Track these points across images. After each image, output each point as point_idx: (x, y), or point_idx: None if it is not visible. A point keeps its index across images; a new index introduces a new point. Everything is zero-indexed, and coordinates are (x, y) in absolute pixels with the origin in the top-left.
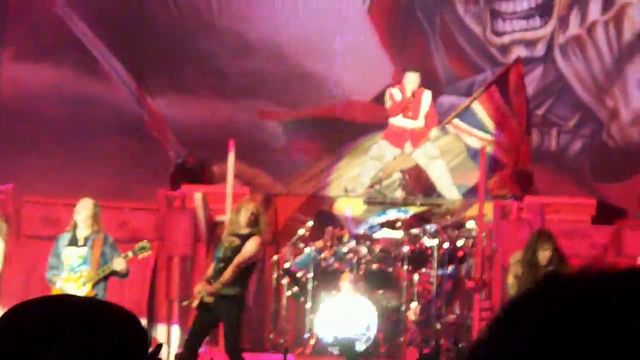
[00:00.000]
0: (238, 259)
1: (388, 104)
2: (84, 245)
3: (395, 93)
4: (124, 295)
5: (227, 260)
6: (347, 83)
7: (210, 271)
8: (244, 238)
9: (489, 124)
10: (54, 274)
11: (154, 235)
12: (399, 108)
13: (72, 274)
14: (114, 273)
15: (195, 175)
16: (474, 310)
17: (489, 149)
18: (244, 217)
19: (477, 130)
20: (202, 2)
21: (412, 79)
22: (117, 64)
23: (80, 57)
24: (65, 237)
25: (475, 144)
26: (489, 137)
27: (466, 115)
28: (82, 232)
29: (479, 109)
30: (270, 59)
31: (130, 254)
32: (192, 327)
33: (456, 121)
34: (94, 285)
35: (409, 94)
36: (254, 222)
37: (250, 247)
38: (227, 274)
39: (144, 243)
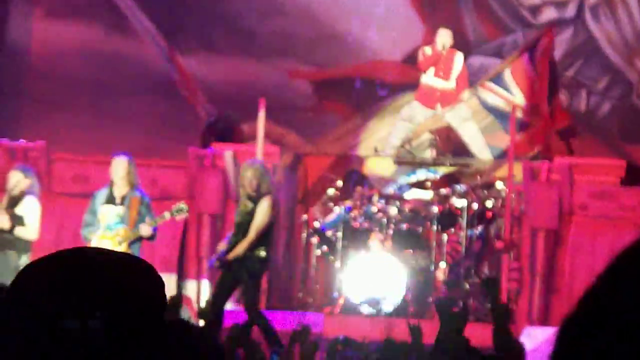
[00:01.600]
0: (253, 227)
1: (419, 60)
2: (121, 203)
3: (427, 50)
4: (155, 252)
5: (242, 224)
6: (377, 43)
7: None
8: (255, 200)
9: (518, 88)
10: (89, 231)
11: (184, 193)
12: (430, 61)
13: (108, 232)
14: (138, 236)
15: (225, 133)
16: (502, 271)
17: (518, 113)
18: (246, 183)
19: (507, 94)
20: None
21: (444, 36)
22: (148, 23)
23: (110, 16)
24: (102, 195)
25: (504, 106)
26: (517, 100)
27: (497, 78)
28: (119, 190)
29: (510, 73)
30: (300, 19)
31: (167, 215)
32: (215, 286)
33: (488, 83)
34: (130, 245)
35: (441, 51)
36: (257, 186)
37: (261, 211)
38: (246, 240)
39: (181, 205)
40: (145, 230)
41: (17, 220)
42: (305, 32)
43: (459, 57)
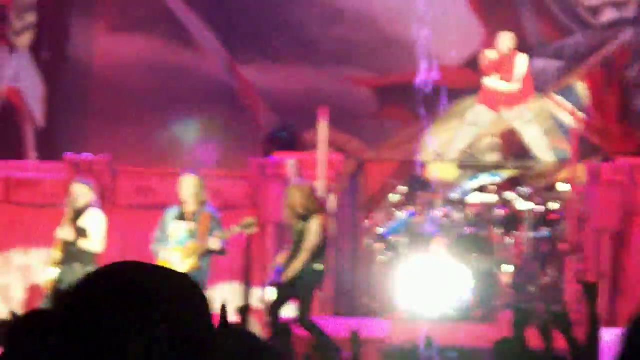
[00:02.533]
0: (304, 247)
1: (483, 64)
2: (192, 220)
3: (490, 54)
4: (221, 262)
5: (296, 243)
6: (436, 48)
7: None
8: (305, 219)
9: (585, 104)
10: (160, 246)
11: (246, 203)
12: (494, 65)
13: (177, 246)
14: (212, 250)
15: (287, 142)
16: (567, 273)
17: (580, 129)
18: (294, 204)
19: (572, 106)
20: None
21: (506, 39)
22: (208, 34)
23: (171, 28)
24: (173, 212)
25: (567, 120)
26: (582, 116)
27: (567, 90)
28: (189, 207)
29: (579, 88)
30: (359, 26)
31: (236, 229)
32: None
33: (554, 95)
34: (199, 258)
35: (503, 54)
36: (305, 206)
37: (312, 231)
38: (299, 260)
39: (250, 219)
40: (214, 243)
41: (81, 233)
42: (365, 38)
43: (521, 58)
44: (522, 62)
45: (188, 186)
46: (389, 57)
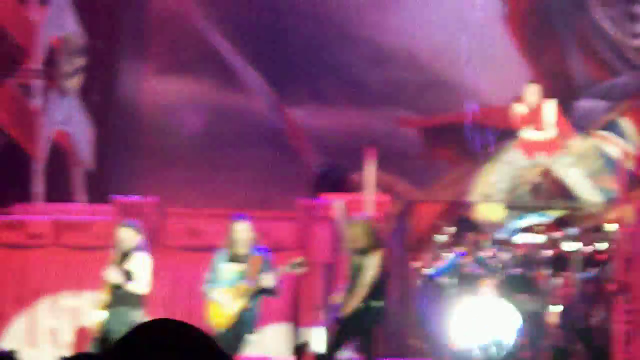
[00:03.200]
0: (362, 282)
1: (514, 117)
2: (243, 262)
3: (518, 108)
4: (271, 303)
5: (353, 278)
6: (484, 89)
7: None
8: (363, 253)
9: (634, 137)
10: (211, 287)
11: (294, 244)
12: (525, 119)
13: (228, 287)
14: (263, 290)
15: (334, 183)
16: (616, 314)
17: (629, 164)
18: (355, 239)
19: (619, 140)
20: (338, 13)
21: (532, 91)
22: (256, 76)
23: (218, 70)
24: (223, 254)
25: (615, 153)
26: (630, 149)
27: (610, 125)
28: (240, 249)
29: (625, 122)
30: (406, 67)
31: (286, 268)
32: (331, 337)
33: (599, 132)
34: (250, 298)
35: (531, 105)
36: (366, 241)
37: (371, 266)
38: (357, 296)
39: (300, 259)
40: (266, 281)
41: (127, 276)
42: (412, 79)
43: (548, 106)
44: (550, 109)
45: (242, 232)
46: (436, 98)
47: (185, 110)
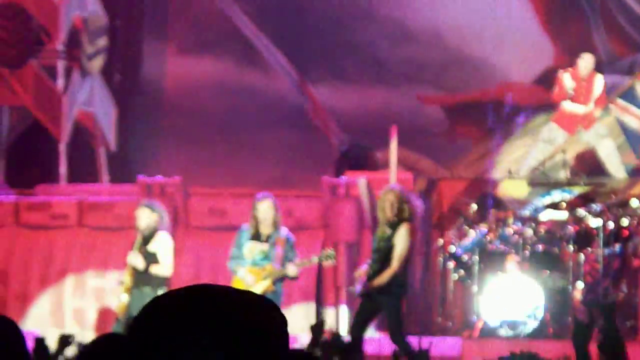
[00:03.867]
0: (395, 256)
1: (556, 89)
2: (266, 241)
3: (566, 78)
4: (295, 283)
5: (381, 250)
6: (507, 65)
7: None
8: (394, 226)
9: None
10: (236, 264)
11: (319, 223)
12: (563, 96)
13: (254, 267)
14: (283, 275)
15: (358, 161)
16: None
17: None
18: (387, 207)
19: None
20: None
21: (587, 62)
22: (279, 55)
23: (241, 49)
24: (248, 231)
25: (633, 123)
26: None
27: (628, 95)
28: (265, 229)
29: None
30: (429, 45)
31: (315, 259)
32: (356, 315)
33: (619, 100)
34: (274, 282)
35: (583, 76)
36: (397, 210)
37: (401, 239)
38: (391, 269)
39: (330, 251)
40: (292, 271)
41: (151, 258)
42: (435, 57)
43: (599, 79)
44: (599, 83)
45: (265, 210)
46: (459, 76)
47: (208, 89)
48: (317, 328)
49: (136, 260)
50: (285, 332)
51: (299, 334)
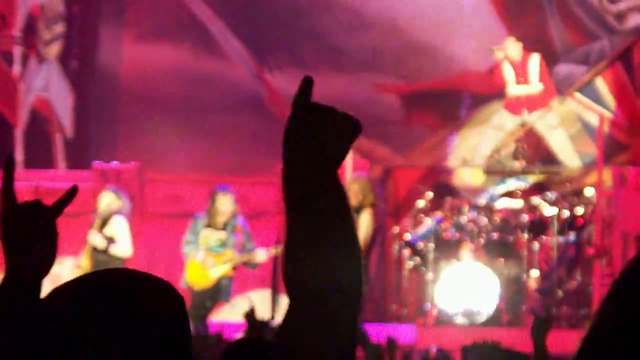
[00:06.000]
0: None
1: (498, 74)
2: (223, 229)
3: (504, 64)
4: (250, 270)
5: None
6: (462, 54)
7: None
8: (357, 212)
9: (610, 100)
10: (190, 249)
11: (274, 210)
12: (509, 74)
13: (212, 252)
14: (247, 263)
15: None
16: (594, 277)
17: (606, 127)
18: (352, 197)
19: (597, 106)
20: None
21: (511, 46)
22: (236, 41)
23: (199, 36)
24: (204, 218)
25: (593, 119)
26: (608, 113)
27: (587, 89)
28: (222, 217)
29: (601, 85)
30: (386, 33)
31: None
32: None
33: (577, 94)
34: (234, 268)
35: (515, 60)
36: (362, 197)
37: (364, 224)
38: None
39: None
40: (261, 256)
41: (109, 240)
42: (392, 45)
43: (533, 58)
44: (535, 62)
45: (223, 204)
46: (416, 64)
47: (165, 76)
48: (250, 316)
49: (96, 239)
50: (184, 316)
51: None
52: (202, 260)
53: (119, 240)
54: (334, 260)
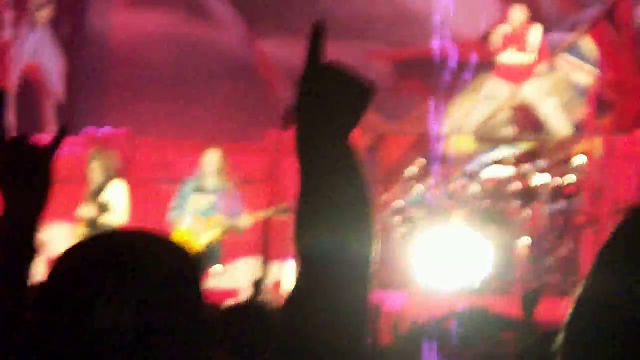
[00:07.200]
0: None
1: (497, 39)
2: (212, 193)
3: (503, 28)
4: (241, 237)
5: None
6: (455, 21)
7: None
8: None
9: (597, 60)
10: (176, 215)
11: (263, 177)
12: (508, 40)
13: (201, 217)
14: (234, 227)
15: None
16: (584, 246)
17: (596, 86)
18: None
19: (585, 65)
20: None
21: (518, 12)
22: (226, 7)
23: (189, 1)
24: (192, 184)
25: (583, 79)
26: (596, 72)
27: (574, 50)
28: (211, 181)
29: (587, 45)
30: (377, 0)
31: (270, 212)
32: None
33: (565, 55)
34: (223, 233)
35: (516, 27)
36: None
37: None
38: None
39: (286, 205)
40: (245, 221)
41: (103, 208)
42: (384, 12)
43: (535, 29)
44: (536, 32)
45: (211, 160)
46: (408, 31)
47: (155, 42)
48: (258, 284)
49: (88, 210)
50: (197, 279)
51: (243, 288)
52: (191, 226)
53: (113, 207)
54: (345, 227)
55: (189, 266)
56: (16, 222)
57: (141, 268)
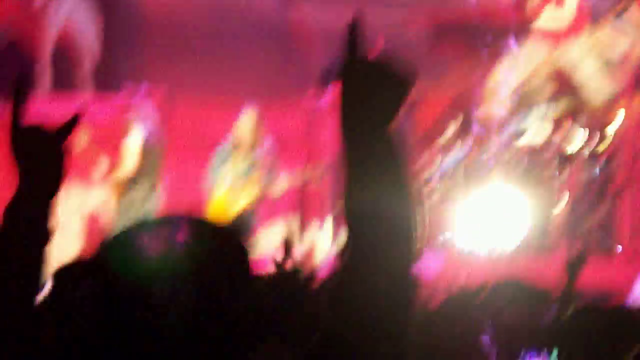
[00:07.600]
0: None
1: (532, 4)
2: (249, 155)
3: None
4: (279, 199)
5: None
6: None
7: None
8: None
9: None
10: (215, 177)
11: (300, 138)
12: (545, 3)
13: (235, 184)
14: (272, 188)
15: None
16: (620, 210)
17: (636, 57)
18: None
19: (630, 30)
20: None
21: None
22: None
23: None
24: (229, 145)
25: (625, 44)
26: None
27: (619, 17)
28: (246, 145)
29: (634, 12)
30: None
31: (308, 174)
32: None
33: (607, 24)
34: (257, 199)
35: None
36: None
37: None
38: None
39: (319, 170)
40: (280, 188)
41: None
42: None
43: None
44: (572, 1)
45: (246, 122)
46: None
47: (191, 4)
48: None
49: (123, 171)
50: (245, 260)
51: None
52: (226, 191)
53: (126, 160)
54: (388, 192)
55: (239, 248)
56: (31, 204)
57: (198, 255)
